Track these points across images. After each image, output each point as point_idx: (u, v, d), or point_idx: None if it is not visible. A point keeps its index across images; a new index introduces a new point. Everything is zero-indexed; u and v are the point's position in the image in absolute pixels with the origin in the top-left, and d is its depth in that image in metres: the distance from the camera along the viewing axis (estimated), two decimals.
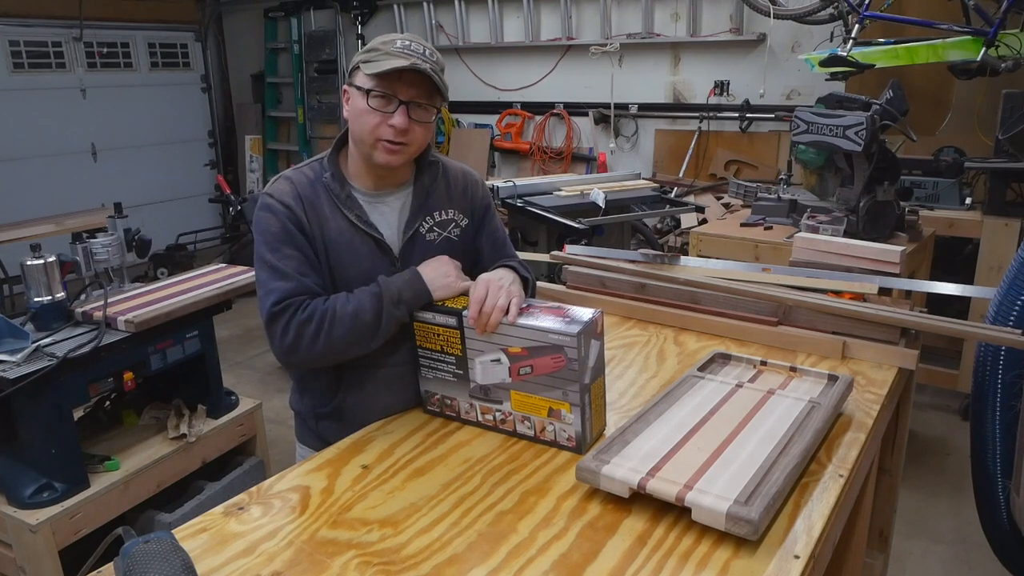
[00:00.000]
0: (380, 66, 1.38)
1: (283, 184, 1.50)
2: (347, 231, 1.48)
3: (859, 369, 1.68)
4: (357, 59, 1.45)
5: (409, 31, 6.49)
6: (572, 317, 1.32)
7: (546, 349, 1.30)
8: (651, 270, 2.11)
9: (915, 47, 3.48)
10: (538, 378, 1.33)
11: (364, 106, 1.42)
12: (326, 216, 1.48)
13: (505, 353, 1.35)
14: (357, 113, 1.44)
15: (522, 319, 1.33)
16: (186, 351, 2.49)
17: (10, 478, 2.14)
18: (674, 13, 5.32)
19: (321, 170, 1.52)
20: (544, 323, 1.31)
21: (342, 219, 1.48)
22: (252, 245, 1.53)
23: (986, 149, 3.69)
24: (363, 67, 1.42)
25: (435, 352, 1.45)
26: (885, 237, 2.81)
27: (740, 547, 1.07)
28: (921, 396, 3.81)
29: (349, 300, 1.43)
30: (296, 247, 1.45)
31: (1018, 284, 1.87)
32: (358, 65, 1.44)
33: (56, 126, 6.30)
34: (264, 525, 1.16)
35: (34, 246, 2.30)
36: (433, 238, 1.56)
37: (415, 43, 1.42)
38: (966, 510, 2.81)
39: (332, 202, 1.49)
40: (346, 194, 1.50)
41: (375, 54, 1.41)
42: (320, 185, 1.50)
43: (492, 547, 1.09)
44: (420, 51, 1.41)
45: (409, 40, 1.42)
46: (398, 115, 1.41)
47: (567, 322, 1.30)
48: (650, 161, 5.64)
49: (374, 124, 1.42)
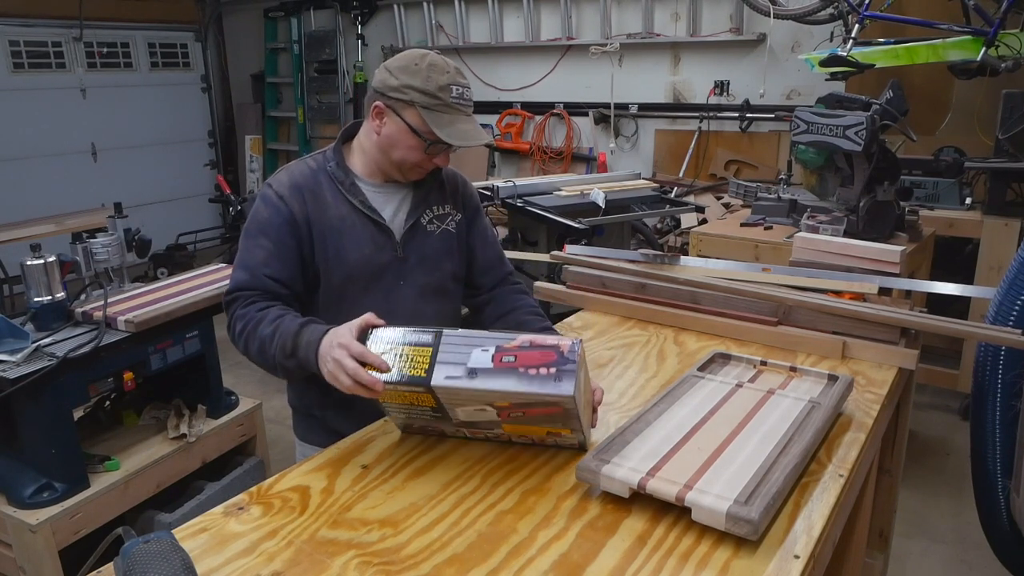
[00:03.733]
0: (450, 132, 1.44)
1: (282, 175, 1.55)
2: (349, 216, 1.52)
3: (859, 369, 1.68)
4: (412, 92, 1.44)
5: (409, 31, 6.50)
6: (558, 366, 1.13)
7: (538, 404, 1.17)
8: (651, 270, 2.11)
9: (915, 47, 3.48)
10: (532, 417, 1.22)
11: (413, 143, 1.48)
12: (327, 202, 1.52)
13: (491, 406, 1.21)
14: (398, 142, 1.49)
15: (504, 380, 1.14)
16: (186, 351, 2.49)
17: (10, 478, 2.14)
18: (674, 13, 5.31)
19: (325, 160, 1.57)
20: (533, 386, 1.13)
21: (344, 204, 1.53)
22: None
23: (986, 149, 3.69)
24: (424, 114, 1.44)
25: (404, 405, 1.26)
26: (885, 237, 2.81)
27: (740, 547, 1.07)
28: (921, 396, 3.81)
29: (269, 325, 1.40)
30: (273, 239, 1.48)
31: (1018, 284, 1.87)
32: (412, 101, 1.44)
33: (56, 126, 6.30)
34: (264, 525, 1.16)
35: (34, 246, 2.30)
36: (433, 229, 1.61)
37: (465, 88, 1.50)
38: (966, 510, 2.81)
39: (335, 188, 1.53)
40: (350, 182, 1.54)
41: (437, 103, 1.45)
42: (323, 174, 1.54)
43: (492, 547, 1.09)
44: (468, 97, 1.50)
45: (462, 86, 1.49)
46: (442, 157, 1.52)
47: (555, 377, 1.13)
48: (650, 161, 5.64)
49: (416, 160, 1.50)
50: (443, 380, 1.16)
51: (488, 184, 3.62)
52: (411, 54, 1.50)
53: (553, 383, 1.13)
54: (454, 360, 1.16)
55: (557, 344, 1.15)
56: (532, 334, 1.19)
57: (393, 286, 1.56)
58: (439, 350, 1.18)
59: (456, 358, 1.16)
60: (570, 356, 1.14)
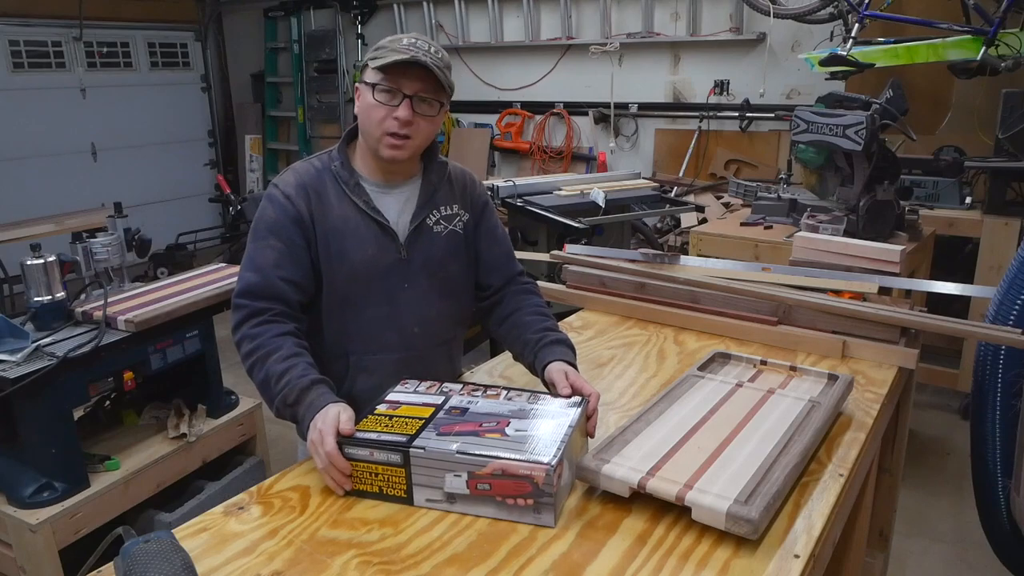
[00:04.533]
0: (385, 60, 1.43)
1: (288, 175, 1.54)
2: (353, 217, 1.51)
3: (859, 368, 1.68)
4: (367, 57, 1.50)
5: (409, 31, 6.46)
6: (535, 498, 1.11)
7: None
8: (651, 270, 2.11)
9: (915, 46, 3.48)
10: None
11: (371, 100, 1.46)
12: (331, 203, 1.51)
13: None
14: (365, 108, 1.48)
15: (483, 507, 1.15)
16: (186, 351, 2.49)
17: (10, 478, 2.14)
18: (674, 13, 5.31)
19: (330, 160, 1.56)
20: (513, 515, 1.13)
21: (349, 205, 1.51)
22: None
23: (986, 148, 3.69)
24: (370, 63, 1.46)
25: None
26: (885, 236, 2.81)
27: (740, 546, 1.07)
28: (921, 396, 3.81)
29: (281, 362, 1.37)
30: (283, 239, 1.47)
31: (1018, 283, 1.87)
32: (367, 63, 1.48)
33: (56, 126, 6.29)
34: (264, 525, 1.16)
35: (34, 246, 2.30)
36: (440, 230, 1.59)
37: (421, 40, 1.47)
38: (966, 510, 2.81)
39: (339, 189, 1.52)
40: (355, 182, 1.53)
41: (382, 51, 1.46)
42: (328, 174, 1.54)
43: (492, 547, 1.09)
44: (425, 48, 1.45)
45: (415, 38, 1.47)
46: (403, 108, 1.44)
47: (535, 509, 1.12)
48: (650, 161, 5.64)
49: (380, 117, 1.46)
50: (424, 502, 1.19)
51: (488, 184, 3.62)
52: None
53: (533, 515, 1.13)
54: (429, 483, 1.17)
55: (530, 474, 1.11)
56: (503, 460, 1.12)
57: (397, 288, 1.55)
58: (412, 471, 1.17)
59: (431, 480, 1.17)
60: (546, 489, 1.10)
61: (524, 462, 1.11)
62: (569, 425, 1.22)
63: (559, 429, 1.21)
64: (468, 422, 1.24)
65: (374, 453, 1.18)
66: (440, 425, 1.23)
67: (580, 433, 1.27)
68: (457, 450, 1.14)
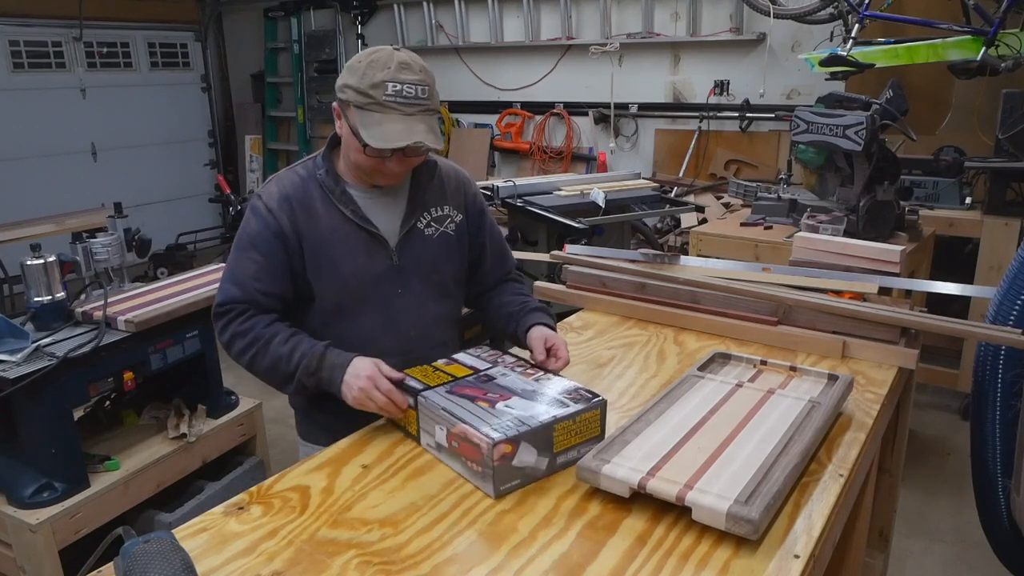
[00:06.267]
0: (376, 136, 1.36)
1: (272, 186, 1.51)
2: (341, 226, 1.49)
3: (859, 369, 1.68)
4: (349, 91, 1.40)
5: (409, 31, 6.49)
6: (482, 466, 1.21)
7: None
8: (651, 270, 2.11)
9: (915, 47, 3.48)
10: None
11: (357, 145, 1.41)
12: (319, 213, 1.49)
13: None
14: (349, 145, 1.45)
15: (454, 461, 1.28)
16: (186, 351, 2.49)
17: (10, 478, 2.14)
18: (674, 13, 5.31)
19: (315, 168, 1.52)
20: (470, 476, 1.25)
21: (336, 214, 1.49)
22: None
23: (986, 148, 3.69)
24: (356, 114, 1.39)
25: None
26: (885, 237, 2.81)
27: (740, 547, 1.07)
28: (921, 396, 3.81)
29: (284, 343, 1.44)
30: (263, 252, 1.47)
31: (1018, 284, 1.87)
32: (348, 100, 1.40)
33: (56, 126, 6.29)
34: (264, 525, 1.16)
35: (34, 246, 2.30)
36: (431, 233, 1.57)
37: (407, 84, 1.37)
38: (966, 510, 2.81)
39: (326, 198, 1.49)
40: (341, 190, 1.50)
41: (368, 101, 1.37)
42: (313, 183, 1.51)
43: (492, 547, 1.09)
44: (413, 94, 1.37)
45: (400, 83, 1.36)
46: (394, 162, 1.43)
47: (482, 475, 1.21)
48: (650, 161, 5.64)
49: (369, 167, 1.45)
50: (424, 445, 1.38)
51: (488, 184, 3.62)
52: (362, 52, 1.44)
53: (481, 481, 1.24)
54: (428, 429, 1.35)
55: (479, 444, 1.21)
56: (466, 426, 1.23)
57: (392, 294, 1.54)
58: (419, 415, 1.36)
59: (429, 427, 1.34)
60: (487, 460, 1.20)
61: (478, 432, 1.22)
62: (554, 416, 1.26)
63: (541, 416, 1.26)
64: (478, 389, 1.38)
65: (404, 393, 1.38)
66: (457, 386, 1.38)
67: (584, 427, 1.31)
68: (443, 407, 1.30)
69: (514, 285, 1.75)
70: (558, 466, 1.28)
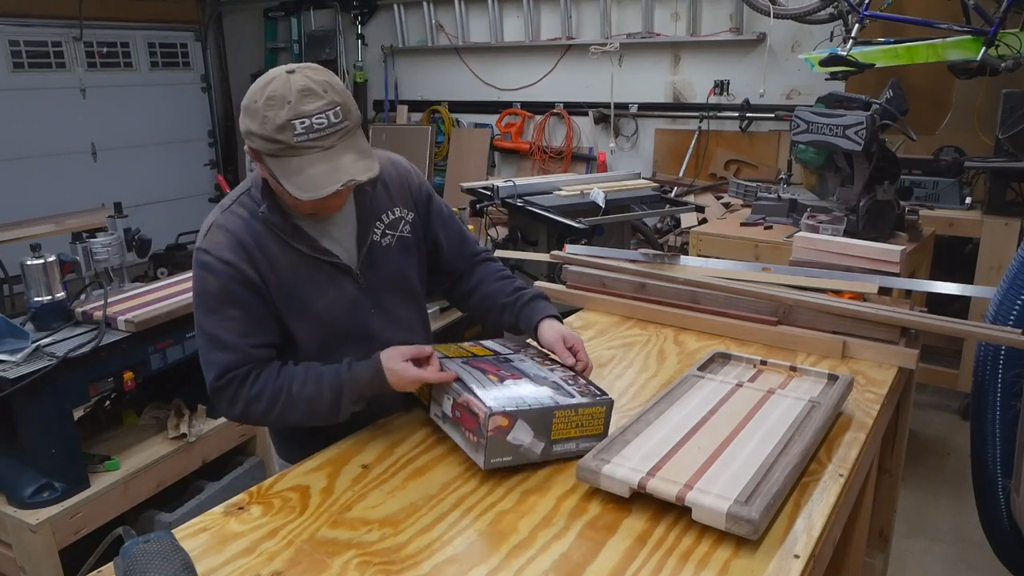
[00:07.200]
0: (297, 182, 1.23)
1: (217, 235, 1.37)
2: (302, 264, 1.40)
3: (859, 369, 1.68)
4: (255, 139, 1.25)
5: (409, 31, 6.49)
6: (478, 435, 1.24)
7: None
8: (651, 270, 2.11)
9: (915, 47, 3.48)
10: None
11: (286, 192, 1.27)
12: (276, 256, 1.38)
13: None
14: (278, 191, 1.32)
15: (455, 432, 1.33)
16: (186, 351, 2.49)
17: (10, 478, 2.13)
18: (674, 13, 5.31)
19: (254, 205, 1.38)
20: (466, 447, 1.29)
21: (293, 253, 1.39)
22: None
23: (986, 148, 3.69)
24: (271, 164, 1.25)
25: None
26: (885, 237, 2.81)
27: (740, 547, 1.07)
28: (921, 396, 3.80)
29: (307, 383, 1.35)
30: (239, 306, 1.35)
31: (1018, 284, 1.87)
32: (258, 150, 1.27)
33: (56, 126, 6.29)
34: (264, 525, 1.16)
35: (34, 246, 2.30)
36: (388, 242, 1.50)
37: (316, 116, 1.22)
38: (966, 510, 2.81)
39: (278, 238, 1.38)
40: (291, 226, 1.38)
41: (279, 148, 1.23)
42: (259, 222, 1.37)
43: (492, 547, 1.09)
44: (325, 123, 1.22)
45: (307, 116, 1.21)
46: (332, 197, 1.28)
47: (476, 446, 1.25)
48: (650, 161, 5.64)
49: (309, 208, 1.33)
50: (431, 416, 1.42)
51: (488, 184, 3.62)
52: (256, 85, 1.26)
53: (474, 451, 1.27)
54: (438, 400, 1.39)
55: (478, 413, 1.24)
56: (469, 396, 1.27)
57: (366, 316, 1.48)
58: (432, 386, 1.40)
59: (439, 398, 1.38)
60: (482, 428, 1.22)
61: (479, 401, 1.24)
62: (556, 403, 1.27)
63: (544, 400, 1.28)
64: (492, 365, 1.41)
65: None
66: (473, 361, 1.42)
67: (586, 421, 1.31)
68: (457, 377, 1.33)
69: (490, 267, 1.66)
70: (554, 454, 1.29)
